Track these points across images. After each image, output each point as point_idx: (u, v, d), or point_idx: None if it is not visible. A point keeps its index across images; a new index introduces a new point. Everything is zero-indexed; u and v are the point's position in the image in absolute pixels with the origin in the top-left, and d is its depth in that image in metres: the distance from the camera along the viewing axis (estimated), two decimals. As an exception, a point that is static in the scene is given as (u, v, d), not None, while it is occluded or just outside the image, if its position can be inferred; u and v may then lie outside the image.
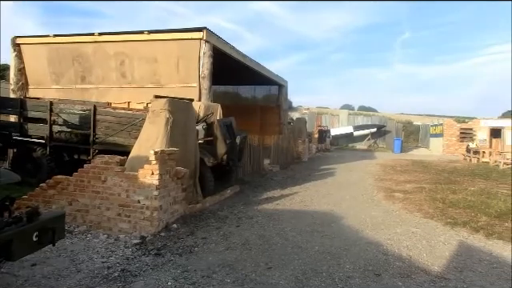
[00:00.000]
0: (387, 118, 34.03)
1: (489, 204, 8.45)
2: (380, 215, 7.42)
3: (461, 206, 8.19)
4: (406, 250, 5.36)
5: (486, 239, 6.01)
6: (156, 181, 5.80)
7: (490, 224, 6.82)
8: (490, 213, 7.61)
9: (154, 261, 4.65)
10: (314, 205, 8.24)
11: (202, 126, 8.76)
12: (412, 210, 7.96)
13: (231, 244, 5.38)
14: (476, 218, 7.28)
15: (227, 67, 15.52)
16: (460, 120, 30.50)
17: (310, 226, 6.41)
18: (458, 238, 6.05)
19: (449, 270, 4.67)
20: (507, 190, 10.58)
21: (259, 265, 4.61)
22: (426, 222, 7.04)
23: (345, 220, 6.97)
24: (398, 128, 30.16)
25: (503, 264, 4.94)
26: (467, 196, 9.43)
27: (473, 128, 26.30)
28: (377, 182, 11.61)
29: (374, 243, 5.61)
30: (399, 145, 26.63)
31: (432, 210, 7.87)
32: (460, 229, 6.54)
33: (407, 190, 10.33)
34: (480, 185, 11.56)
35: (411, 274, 4.47)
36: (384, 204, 8.54)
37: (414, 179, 12.48)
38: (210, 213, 7.15)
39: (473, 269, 4.72)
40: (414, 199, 8.99)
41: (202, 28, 10.94)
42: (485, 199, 9.06)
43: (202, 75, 10.83)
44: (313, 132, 28.07)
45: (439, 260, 5.00)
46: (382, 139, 30.22)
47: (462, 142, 25.74)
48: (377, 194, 9.63)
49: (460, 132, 26.34)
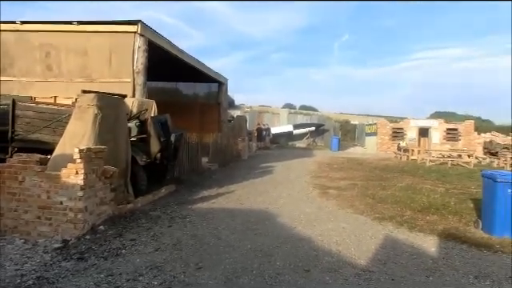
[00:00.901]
0: (326, 117, 35.33)
1: (414, 199, 9.05)
2: (314, 212, 7.65)
3: (389, 202, 8.69)
4: (336, 245, 5.56)
5: (409, 232, 6.43)
6: (81, 180, 5.50)
7: (414, 218, 7.31)
8: (414, 207, 8.16)
9: (75, 266, 4.39)
10: (250, 203, 8.30)
11: (134, 123, 8.46)
12: (344, 206, 8.31)
13: (161, 245, 5.24)
14: (401, 212, 7.76)
15: (165, 63, 15.16)
16: (392, 120, 32.46)
17: (244, 225, 6.44)
18: (385, 231, 6.41)
19: (374, 262, 4.93)
20: (431, 186, 11.43)
21: (189, 265, 4.54)
22: (356, 217, 7.37)
23: (279, 217, 7.09)
24: (335, 127, 31.45)
25: (422, 255, 5.30)
26: (395, 192, 10.04)
27: (403, 128, 28.12)
28: (313, 180, 11.98)
29: (305, 239, 5.77)
30: (336, 143, 27.75)
31: (363, 206, 8.26)
32: (387, 223, 6.94)
33: (341, 186, 10.77)
34: (407, 181, 12.36)
35: (339, 268, 4.65)
36: (318, 201, 8.82)
37: (348, 176, 13.05)
38: (142, 213, 6.93)
39: (395, 261, 5.02)
40: (346, 196, 9.39)
41: (137, 21, 10.57)
42: (411, 194, 9.69)
43: (136, 70, 10.46)
44: (253, 130, 28.37)
45: (366, 254, 5.25)
46: (321, 138, 31.30)
47: (393, 140, 27.40)
48: (312, 191, 9.93)
49: (392, 131, 28.03)
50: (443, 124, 28.30)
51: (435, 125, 28.11)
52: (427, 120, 30.43)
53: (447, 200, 9.09)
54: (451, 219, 7.31)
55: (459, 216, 7.52)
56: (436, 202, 8.75)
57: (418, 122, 28.89)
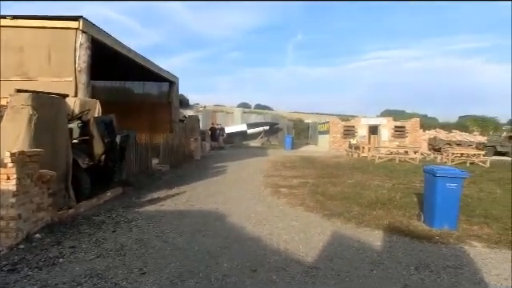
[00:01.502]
0: (280, 116, 35.76)
1: (362, 195, 9.36)
2: (264, 211, 7.68)
3: (338, 198, 8.92)
4: (285, 243, 5.61)
5: (356, 227, 6.62)
6: (13, 186, 5.14)
7: (361, 213, 7.54)
8: (362, 203, 8.42)
9: (5, 279, 4.09)
10: (201, 204, 8.19)
11: (76, 124, 8.07)
12: (295, 204, 8.41)
13: (103, 251, 5.02)
14: (350, 208, 7.98)
15: (112, 62, 14.63)
16: (344, 118, 33.47)
17: (193, 226, 6.33)
18: (333, 228, 6.55)
19: (321, 259, 5.01)
20: (379, 182, 11.88)
21: (132, 271, 4.38)
22: (306, 215, 7.48)
23: (229, 217, 7.05)
24: (289, 126, 31.93)
25: (368, 249, 5.47)
26: (345, 188, 10.33)
27: (355, 126, 29.08)
28: (266, 179, 12.05)
29: (254, 239, 5.76)
30: (290, 142, 28.17)
31: (313, 204, 8.41)
32: (335, 220, 7.10)
33: (293, 185, 10.91)
34: (357, 177, 12.76)
35: (286, 266, 4.68)
36: (270, 200, 8.87)
37: (301, 174, 13.26)
38: (84, 218, 6.61)
39: (342, 256, 5.14)
40: (297, 194, 9.53)
41: (78, 17, 10.09)
42: (359, 191, 10.02)
43: (78, 68, 9.98)
44: (206, 130, 28.13)
45: (313, 250, 5.33)
46: (275, 137, 31.64)
47: (345, 138, 28.27)
48: (264, 190, 9.98)
49: (344, 129, 28.90)
50: (391, 122, 29.58)
51: (384, 123, 29.31)
52: (377, 118, 31.67)
53: (393, 195, 9.49)
54: (396, 213, 7.61)
55: (404, 210, 7.86)
56: (383, 197, 9.10)
57: (368, 120, 30.00)
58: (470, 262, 5.10)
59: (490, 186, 11.53)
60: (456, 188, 6.55)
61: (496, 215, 7.55)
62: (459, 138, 31.18)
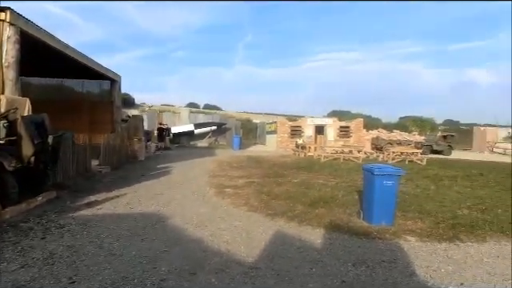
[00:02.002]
0: (228, 116, 35.68)
1: (306, 194, 9.54)
2: (208, 212, 7.58)
3: (282, 198, 9.02)
4: (226, 244, 5.56)
5: (299, 226, 6.71)
6: None
7: (304, 212, 7.67)
8: (305, 202, 8.57)
9: None
10: (141, 206, 7.92)
11: (2, 123, 7.48)
12: (239, 204, 8.39)
13: (29, 260, 4.67)
14: (293, 207, 8.09)
15: (46, 57, 13.79)
16: (292, 119, 34.07)
17: (131, 230, 6.09)
18: (276, 227, 6.60)
19: (262, 259, 5.02)
20: (323, 180, 12.18)
21: (61, 280, 4.11)
22: (249, 215, 7.48)
23: (171, 220, 6.87)
24: (237, 126, 31.96)
25: (309, 248, 5.57)
26: (290, 188, 10.48)
27: (301, 126, 29.70)
28: (211, 179, 11.93)
29: (196, 241, 5.66)
30: (238, 142, 28.20)
31: (257, 203, 8.44)
32: (279, 219, 7.16)
33: (238, 185, 10.89)
34: (302, 177, 13.01)
35: (227, 268, 4.63)
36: (214, 200, 8.78)
37: (247, 174, 13.29)
38: (10, 225, 6.13)
39: (283, 255, 5.18)
40: (242, 194, 9.52)
41: (5, 8, 9.35)
42: (304, 189, 10.20)
43: (5, 64, 9.25)
44: (152, 130, 27.43)
45: (255, 251, 5.32)
46: (223, 137, 31.52)
47: (292, 138, 28.78)
48: (209, 191, 9.87)
49: (291, 129, 29.41)
50: (337, 122, 30.55)
51: (330, 123, 30.22)
52: (323, 118, 32.57)
53: (336, 193, 9.76)
54: (338, 211, 7.83)
55: (345, 208, 8.10)
56: (326, 196, 9.33)
57: (314, 120, 30.76)
58: (403, 255, 5.35)
59: (426, 183, 12.23)
60: (392, 185, 6.84)
61: (429, 210, 8.01)
62: (400, 138, 32.88)
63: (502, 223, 7.06)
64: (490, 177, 14.50)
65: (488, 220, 7.29)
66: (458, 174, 14.89)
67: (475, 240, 6.17)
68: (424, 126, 45.80)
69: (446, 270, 4.83)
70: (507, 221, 7.23)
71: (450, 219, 7.28)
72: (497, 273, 4.80)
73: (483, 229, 6.70)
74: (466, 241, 6.12)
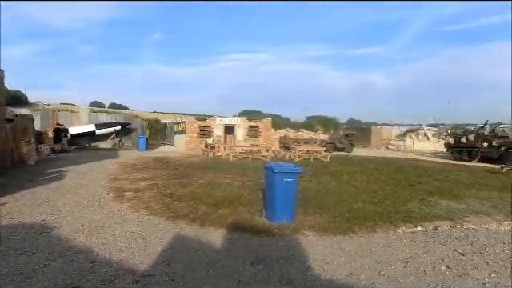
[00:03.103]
0: (133, 115, 34.17)
1: (211, 194, 9.45)
2: (102, 218, 7.09)
3: (186, 199, 8.81)
4: (119, 252, 5.22)
5: (200, 228, 6.60)
6: None
7: (207, 213, 7.58)
8: (209, 202, 8.48)
9: None
10: (24, 216, 7.12)
11: None
12: (139, 208, 8.00)
13: None
14: (197, 208, 7.95)
15: None
16: (201, 118, 33.80)
17: (6, 244, 5.43)
18: (176, 230, 6.40)
19: (157, 265, 4.80)
20: (230, 180, 12.21)
21: None
22: (149, 219, 7.17)
23: (58, 229, 6.28)
24: (143, 126, 30.76)
25: (208, 249, 5.48)
26: (195, 189, 10.30)
27: (211, 125, 29.59)
28: (110, 183, 11.24)
29: (84, 251, 5.22)
30: (144, 142, 27.15)
31: (159, 206, 8.13)
32: (180, 221, 6.97)
33: (140, 188, 10.42)
34: (209, 177, 12.91)
35: (116, 278, 4.34)
36: (111, 205, 8.26)
37: (151, 176, 12.79)
38: None
39: (180, 259, 5.02)
40: (144, 197, 9.11)
41: None
42: (209, 190, 10.10)
43: None
44: (46, 131, 25.15)
45: (150, 257, 5.09)
46: (128, 137, 30.09)
47: (202, 138, 28.53)
48: (106, 196, 9.27)
49: (200, 129, 29.15)
50: (246, 122, 31.03)
51: (239, 122, 30.58)
52: (232, 118, 32.85)
53: (242, 192, 9.83)
54: (242, 210, 7.87)
55: (249, 207, 8.17)
56: (231, 195, 9.34)
57: (224, 120, 30.88)
58: (301, 251, 5.53)
59: (327, 179, 12.95)
60: (292, 183, 7.06)
61: (328, 205, 8.44)
62: (306, 136, 34.58)
63: (390, 214, 7.72)
64: (384, 171, 15.89)
65: (379, 212, 7.91)
66: (357, 170, 16.04)
67: (367, 231, 6.64)
68: (328, 125, 48.81)
69: (338, 262, 5.10)
70: (394, 211, 7.93)
71: (346, 213, 7.75)
72: (382, 260, 5.20)
73: (374, 220, 7.24)
74: (359, 232, 6.55)
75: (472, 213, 8.15)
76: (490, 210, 8.52)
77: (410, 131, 44.53)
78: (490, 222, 7.59)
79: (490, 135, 24.81)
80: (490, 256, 5.46)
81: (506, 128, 26.98)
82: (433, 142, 38.92)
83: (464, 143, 26.09)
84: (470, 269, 4.95)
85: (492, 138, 24.24)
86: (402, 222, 7.18)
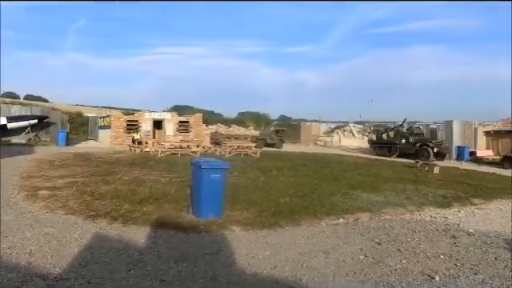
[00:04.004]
0: (51, 108, 31.91)
1: (136, 191, 9.13)
2: (11, 220, 6.51)
3: (108, 197, 8.42)
4: (28, 256, 4.83)
5: (123, 226, 6.34)
6: None
7: (131, 211, 7.29)
8: (133, 200, 8.18)
9: None
10: None
11: None
12: (55, 207, 7.48)
13: None
14: (119, 206, 7.61)
15: None
16: (129, 112, 32.58)
17: None
18: (96, 230, 6.10)
19: (73, 267, 4.53)
20: (157, 176, 11.91)
21: None
22: (66, 218, 6.74)
23: (-44, 234, 5.66)
24: (63, 120, 28.86)
25: (130, 248, 5.28)
26: (118, 186, 9.88)
27: (138, 120, 28.58)
28: (23, 181, 10.37)
29: (-14, 257, 4.77)
30: (64, 137, 25.45)
31: (77, 205, 7.67)
32: (101, 220, 6.64)
33: (57, 186, 9.75)
34: (135, 173, 12.47)
35: (23, 283, 4.01)
36: (22, 205, 7.63)
37: (70, 173, 12.03)
38: None
39: (99, 260, 4.78)
40: (61, 195, 8.54)
41: None
42: (134, 187, 9.75)
43: None
44: None
45: (65, 259, 4.78)
46: (46, 132, 28.02)
47: (128, 133, 27.44)
48: (16, 195, 8.53)
49: (127, 124, 28.02)
50: (176, 117, 30.43)
51: (168, 117, 29.89)
52: (161, 113, 32.02)
53: (168, 189, 9.64)
54: (168, 207, 7.70)
55: (175, 203, 8.01)
56: (157, 192, 9.11)
57: (152, 114, 29.99)
58: (227, 246, 5.56)
59: (256, 174, 13.14)
60: (220, 178, 7.05)
61: (256, 200, 8.57)
62: (237, 132, 34.84)
63: (315, 207, 8.04)
64: (311, 166, 16.51)
65: (304, 205, 8.20)
66: (286, 165, 16.49)
67: (292, 225, 6.85)
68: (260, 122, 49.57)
69: (263, 256, 5.20)
70: (319, 205, 8.26)
71: (273, 207, 7.92)
72: (306, 252, 5.40)
73: (300, 214, 7.49)
74: (285, 226, 6.74)
75: (389, 204, 8.77)
76: (404, 201, 9.23)
77: (337, 128, 46.85)
78: (404, 212, 8.23)
79: (408, 132, 26.90)
80: (402, 244, 5.92)
81: (421, 126, 29.42)
82: (357, 138, 41.27)
83: (385, 140, 27.99)
84: (385, 256, 5.32)
85: (409, 135, 26.30)
86: (325, 215, 7.52)
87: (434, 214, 8.38)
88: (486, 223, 7.64)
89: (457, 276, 4.65)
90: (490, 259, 5.32)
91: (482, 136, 27.27)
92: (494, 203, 9.84)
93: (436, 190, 10.98)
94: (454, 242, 6.15)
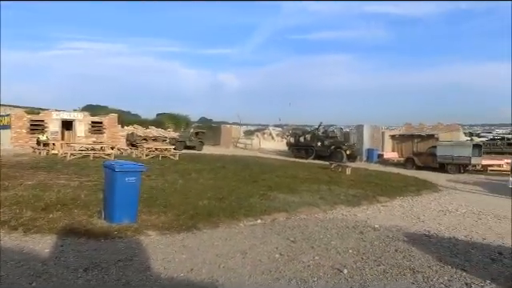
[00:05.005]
0: None
1: (41, 197, 8.48)
2: None
3: (7, 204, 7.69)
4: None
5: (24, 236, 5.86)
6: None
7: (34, 218, 6.74)
8: (38, 206, 7.59)
9: None
10: None
11: None
12: None
13: None
14: (21, 214, 7.00)
15: None
16: (33, 111, 30.07)
17: None
18: (-10, 241, 5.55)
19: (-38, 283, 4.08)
20: (65, 181, 11.17)
21: None
22: (-45, 229, 6.04)
23: None
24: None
25: (32, 259, 4.91)
26: (20, 192, 9.08)
27: (45, 120, 26.52)
28: None
29: None
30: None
31: (-32, 214, 6.91)
32: (-2, 230, 6.06)
33: None
34: (40, 178, 11.58)
35: None
36: None
37: (-39, 179, 10.80)
38: None
39: (-6, 274, 4.37)
40: None
41: None
42: (38, 192, 9.04)
43: None
44: None
45: (-47, 274, 4.29)
46: None
47: (33, 134, 25.32)
48: None
49: (31, 124, 25.83)
50: (88, 117, 28.80)
51: (80, 118, 28.19)
52: (71, 113, 30.06)
53: (78, 193, 9.12)
54: (77, 213, 7.26)
55: (86, 209, 7.58)
56: (65, 197, 8.57)
57: (61, 114, 28.02)
58: (141, 251, 5.40)
59: (175, 177, 12.94)
60: (135, 181, 6.84)
61: (174, 203, 8.44)
62: (155, 134, 33.84)
63: (234, 209, 8.15)
64: (231, 168, 16.67)
65: (223, 207, 8.26)
66: (205, 168, 16.45)
67: (210, 227, 6.88)
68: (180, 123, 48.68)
69: (179, 259, 5.14)
70: (237, 207, 8.39)
71: (191, 210, 7.87)
72: (223, 253, 5.45)
73: (218, 216, 7.53)
74: (203, 228, 6.74)
75: (304, 204, 9.19)
76: (318, 201, 9.74)
77: (257, 131, 47.83)
78: (318, 211, 8.69)
79: (323, 135, 28.39)
80: (315, 241, 6.25)
81: (335, 130, 31.21)
82: (277, 141, 42.53)
83: (302, 142, 29.21)
84: (299, 254, 5.57)
85: (324, 139, 27.77)
86: (243, 216, 7.65)
87: (345, 212, 8.97)
88: (390, 219, 8.38)
89: (362, 268, 5.03)
90: (391, 251, 5.84)
91: (389, 139, 29.75)
92: (397, 200, 10.82)
93: (347, 190, 11.73)
94: (362, 237, 6.64)
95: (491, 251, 6.03)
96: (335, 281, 4.62)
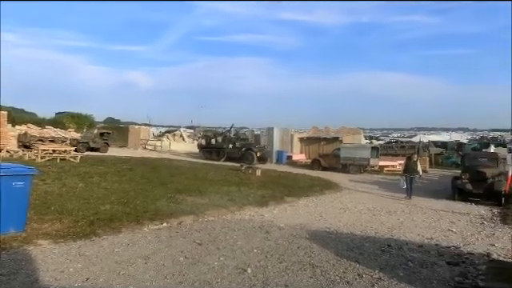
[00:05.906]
0: None
1: None
2: None
3: None
4: None
5: None
6: None
7: None
8: None
9: None
10: None
11: None
12: None
13: None
14: None
15: None
16: None
17: None
18: None
19: None
20: None
21: None
22: None
23: None
24: None
25: None
26: None
27: None
28: None
29: None
30: None
31: None
32: None
33: None
34: None
35: None
36: None
37: None
38: None
39: None
40: None
41: None
42: None
43: None
44: None
45: None
46: None
47: None
48: None
49: None
50: (-30, 114, 25.72)
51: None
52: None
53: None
54: (-48, 223, 6.43)
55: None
56: None
57: None
58: (29, 263, 4.97)
59: (74, 181, 12.10)
60: (24, 186, 6.30)
61: (71, 209, 7.89)
62: (53, 135, 31.33)
63: (138, 213, 7.87)
64: (138, 171, 16.06)
65: (127, 212, 7.93)
66: (110, 170, 15.63)
67: (111, 233, 6.56)
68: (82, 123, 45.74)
69: (74, 269, 4.83)
70: (142, 210, 8.12)
71: (91, 216, 7.43)
72: (124, 260, 5.23)
73: (121, 220, 7.22)
74: (103, 235, 6.40)
75: (213, 206, 9.20)
76: (227, 202, 9.82)
77: (168, 132, 46.76)
78: (226, 213, 8.76)
79: (234, 137, 28.73)
80: (222, 242, 6.30)
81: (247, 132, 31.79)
82: (188, 142, 41.94)
83: (214, 144, 29.22)
84: (205, 256, 5.57)
85: (236, 141, 28.11)
86: (148, 220, 7.43)
87: (253, 212, 9.17)
88: (295, 218, 8.76)
89: (266, 266, 5.19)
90: (294, 248, 6.12)
91: (297, 142, 31.06)
92: (303, 200, 11.35)
93: (257, 191, 12.00)
94: (267, 236, 6.85)
95: (381, 243, 6.63)
96: (238, 280, 4.70)
